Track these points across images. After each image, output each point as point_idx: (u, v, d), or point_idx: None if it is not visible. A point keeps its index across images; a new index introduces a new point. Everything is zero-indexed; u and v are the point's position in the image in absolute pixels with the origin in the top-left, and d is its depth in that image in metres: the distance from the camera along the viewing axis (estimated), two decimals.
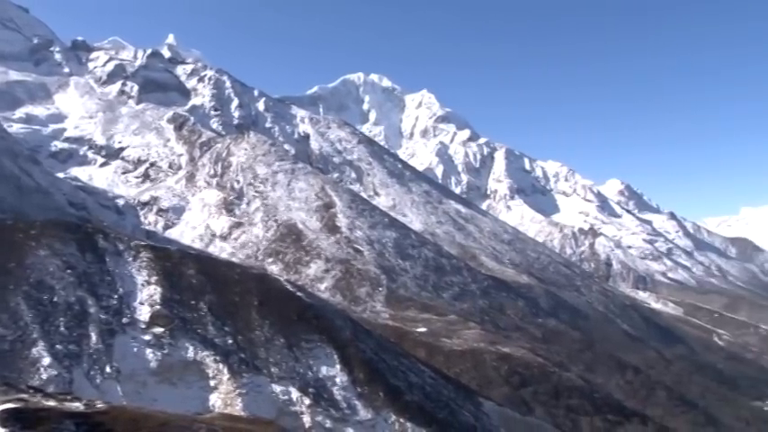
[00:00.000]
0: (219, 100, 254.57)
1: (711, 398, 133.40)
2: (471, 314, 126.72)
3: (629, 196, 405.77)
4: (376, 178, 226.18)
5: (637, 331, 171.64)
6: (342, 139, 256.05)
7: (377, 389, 61.20)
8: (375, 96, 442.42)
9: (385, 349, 72.43)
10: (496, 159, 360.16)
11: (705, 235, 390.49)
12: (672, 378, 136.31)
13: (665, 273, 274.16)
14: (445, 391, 69.96)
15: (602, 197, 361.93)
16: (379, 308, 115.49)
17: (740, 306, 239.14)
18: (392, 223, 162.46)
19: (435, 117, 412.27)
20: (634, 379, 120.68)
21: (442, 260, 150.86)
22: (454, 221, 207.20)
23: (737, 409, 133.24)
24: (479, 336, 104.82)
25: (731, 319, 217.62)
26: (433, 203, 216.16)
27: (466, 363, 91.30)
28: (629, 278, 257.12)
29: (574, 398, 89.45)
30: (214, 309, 64.04)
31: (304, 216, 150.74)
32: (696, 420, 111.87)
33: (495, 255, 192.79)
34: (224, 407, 54.37)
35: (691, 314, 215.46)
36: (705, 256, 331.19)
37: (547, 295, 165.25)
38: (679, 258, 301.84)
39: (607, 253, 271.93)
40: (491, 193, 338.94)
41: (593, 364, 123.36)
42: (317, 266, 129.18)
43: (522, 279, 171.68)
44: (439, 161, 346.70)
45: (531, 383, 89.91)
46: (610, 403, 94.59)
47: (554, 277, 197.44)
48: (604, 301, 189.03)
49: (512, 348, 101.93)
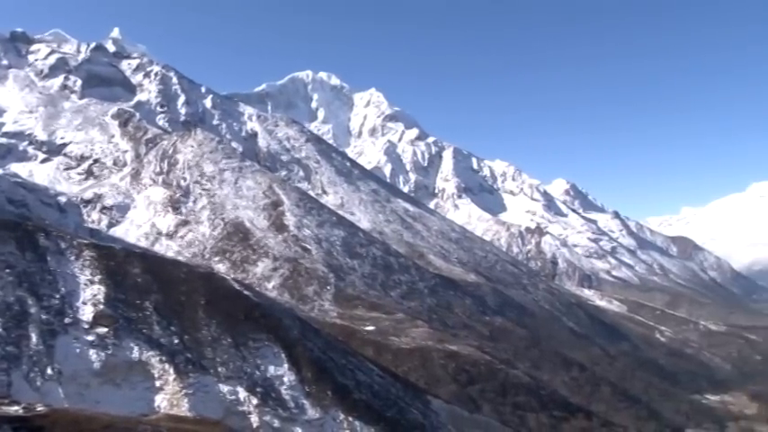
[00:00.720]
0: (166, 96, 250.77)
1: (653, 393, 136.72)
2: (419, 312, 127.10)
3: (574, 196, 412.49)
4: (324, 177, 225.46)
5: (582, 329, 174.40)
6: (290, 137, 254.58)
7: (325, 388, 60.96)
8: (323, 94, 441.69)
9: (333, 348, 72.20)
10: (444, 158, 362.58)
11: (648, 234, 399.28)
12: (616, 374, 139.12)
13: (610, 271, 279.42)
14: (393, 389, 70.05)
15: (548, 196, 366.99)
16: (327, 306, 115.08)
17: (681, 303, 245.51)
18: (340, 222, 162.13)
19: (384, 116, 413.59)
20: (579, 375, 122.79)
21: (390, 259, 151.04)
22: (402, 220, 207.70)
23: (678, 403, 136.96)
24: (427, 334, 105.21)
25: (672, 315, 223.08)
26: (381, 202, 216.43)
27: (414, 361, 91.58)
28: (574, 276, 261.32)
29: (520, 395, 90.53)
30: (160, 308, 62.97)
31: (251, 214, 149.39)
32: (639, 415, 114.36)
33: (442, 253, 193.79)
34: (170, 408, 53.48)
35: (634, 311, 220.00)
36: (648, 254, 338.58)
37: (494, 293, 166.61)
38: (623, 257, 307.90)
39: (553, 251, 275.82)
40: (439, 191, 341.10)
41: (540, 361, 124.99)
42: (264, 265, 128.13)
43: (470, 277, 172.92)
44: (387, 160, 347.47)
45: (478, 381, 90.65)
46: (556, 399, 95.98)
47: (501, 275, 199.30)
48: (550, 299, 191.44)
49: (459, 346, 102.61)
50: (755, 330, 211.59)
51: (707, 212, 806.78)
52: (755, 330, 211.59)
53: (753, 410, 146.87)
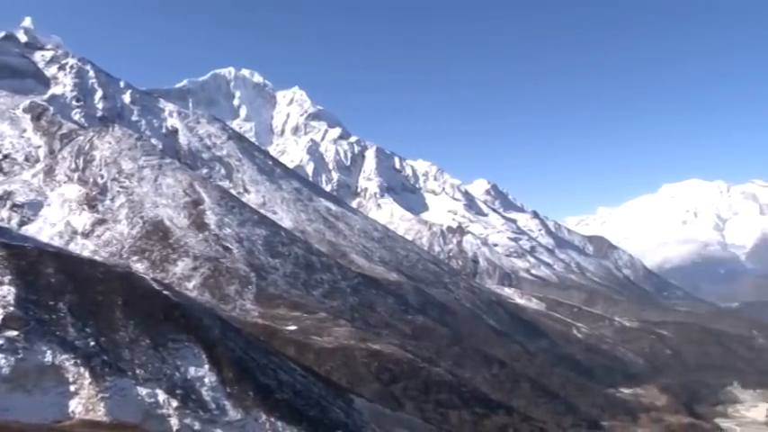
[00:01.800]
0: (82, 90, 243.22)
1: (571, 387, 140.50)
2: (341, 312, 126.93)
3: (495, 196, 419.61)
4: (246, 175, 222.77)
5: (502, 326, 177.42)
6: (211, 134, 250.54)
7: (246, 388, 60.13)
8: (246, 92, 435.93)
9: (255, 348, 71.36)
10: (367, 158, 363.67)
11: (565, 233, 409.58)
12: (535, 370, 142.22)
13: (529, 270, 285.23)
14: (315, 388, 69.70)
15: (469, 196, 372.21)
16: (249, 306, 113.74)
17: (597, 300, 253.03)
18: (262, 221, 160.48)
19: (307, 114, 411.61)
20: (500, 372, 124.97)
21: (312, 258, 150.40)
22: (324, 219, 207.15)
23: (594, 397, 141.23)
24: (349, 333, 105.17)
25: (589, 312, 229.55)
26: (304, 201, 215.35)
27: (336, 360, 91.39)
28: (495, 275, 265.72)
29: (443, 392, 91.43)
30: (75, 309, 60.81)
31: (171, 213, 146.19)
32: (557, 409, 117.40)
33: (365, 252, 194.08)
34: (85, 413, 51.73)
35: (552, 309, 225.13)
36: (565, 253, 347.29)
37: (416, 292, 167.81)
38: (541, 256, 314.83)
39: (474, 251, 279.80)
40: (361, 191, 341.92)
41: (461, 358, 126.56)
42: (184, 264, 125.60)
43: (392, 276, 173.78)
44: (310, 159, 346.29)
45: (400, 379, 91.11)
46: (477, 396, 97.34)
47: (423, 274, 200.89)
48: (471, 298, 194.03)
49: (382, 345, 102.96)
50: (666, 326, 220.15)
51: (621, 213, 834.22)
52: (666, 326, 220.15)
53: (663, 402, 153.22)
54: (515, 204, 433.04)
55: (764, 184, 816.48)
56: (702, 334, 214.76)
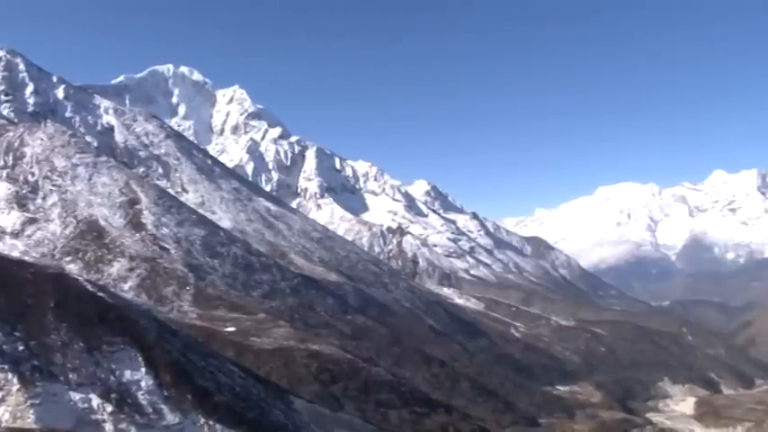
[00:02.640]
0: (12, 84, 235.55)
1: (509, 386, 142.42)
2: (281, 312, 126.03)
3: (435, 196, 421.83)
4: (184, 174, 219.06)
5: (442, 326, 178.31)
6: (149, 132, 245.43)
7: (184, 391, 59.00)
8: (185, 90, 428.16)
9: (193, 350, 70.18)
10: (307, 158, 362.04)
11: (504, 234, 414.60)
12: (474, 369, 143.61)
13: (468, 270, 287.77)
14: (255, 390, 68.93)
15: (409, 197, 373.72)
16: (187, 307, 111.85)
17: (534, 300, 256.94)
18: (200, 221, 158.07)
19: (247, 113, 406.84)
20: (440, 371, 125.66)
21: (251, 258, 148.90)
22: (264, 219, 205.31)
23: (531, 394, 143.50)
24: (289, 334, 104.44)
25: (526, 312, 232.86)
26: (243, 201, 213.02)
27: (276, 361, 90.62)
28: (434, 275, 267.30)
29: (383, 392, 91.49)
30: (2, 312, 58.66)
31: (107, 212, 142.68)
32: (496, 407, 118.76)
33: (304, 253, 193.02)
34: (13, 420, 49.90)
35: (491, 308, 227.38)
36: (504, 254, 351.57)
37: (356, 292, 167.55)
38: (480, 256, 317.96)
39: (414, 251, 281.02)
40: (301, 191, 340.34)
41: (401, 358, 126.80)
42: (120, 265, 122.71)
43: (332, 277, 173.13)
44: (249, 158, 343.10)
45: (340, 380, 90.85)
46: (417, 396, 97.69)
47: (363, 275, 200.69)
48: (411, 298, 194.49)
49: (321, 346, 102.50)
50: (601, 324, 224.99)
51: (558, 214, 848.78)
52: (601, 324, 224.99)
53: (598, 399, 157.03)
54: (455, 205, 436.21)
55: (694, 187, 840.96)
56: (635, 332, 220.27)
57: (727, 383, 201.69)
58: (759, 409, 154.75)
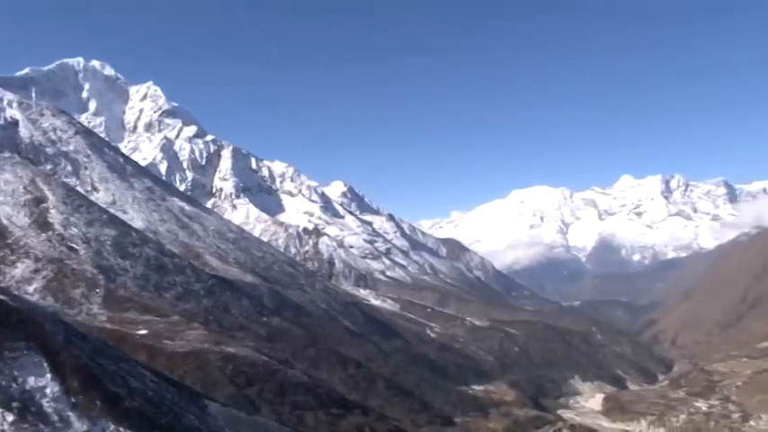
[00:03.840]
0: None
1: (425, 386, 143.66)
2: (195, 314, 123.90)
3: (351, 198, 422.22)
4: (95, 172, 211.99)
5: (358, 327, 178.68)
6: (57, 128, 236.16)
7: (93, 397, 56.89)
8: (96, 84, 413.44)
9: (102, 354, 67.84)
10: (223, 157, 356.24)
11: (420, 236, 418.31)
12: (390, 370, 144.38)
13: (384, 271, 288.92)
14: (168, 394, 67.18)
15: (326, 198, 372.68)
16: (96, 310, 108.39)
17: (449, 301, 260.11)
18: (111, 220, 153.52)
19: (161, 111, 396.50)
20: (356, 372, 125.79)
21: (164, 259, 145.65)
22: (178, 219, 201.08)
23: (447, 393, 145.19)
24: (203, 336, 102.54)
25: (441, 313, 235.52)
26: (156, 200, 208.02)
27: (190, 364, 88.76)
28: (350, 276, 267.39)
29: (299, 394, 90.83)
30: None
31: (10, 211, 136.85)
32: (412, 408, 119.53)
33: (219, 254, 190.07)
34: None
35: (406, 309, 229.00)
36: (420, 255, 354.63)
37: (271, 294, 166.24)
38: (396, 257, 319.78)
39: (330, 252, 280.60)
40: (217, 191, 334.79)
41: (317, 360, 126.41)
42: (24, 266, 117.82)
43: (247, 278, 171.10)
44: (163, 157, 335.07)
45: (256, 382, 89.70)
46: (333, 397, 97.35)
47: (278, 276, 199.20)
48: (327, 299, 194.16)
49: (237, 348, 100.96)
50: (514, 324, 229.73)
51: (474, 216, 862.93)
52: (514, 324, 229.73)
53: (511, 397, 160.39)
54: (371, 207, 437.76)
55: (603, 191, 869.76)
56: (547, 331, 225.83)
57: (633, 379, 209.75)
58: (661, 403, 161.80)
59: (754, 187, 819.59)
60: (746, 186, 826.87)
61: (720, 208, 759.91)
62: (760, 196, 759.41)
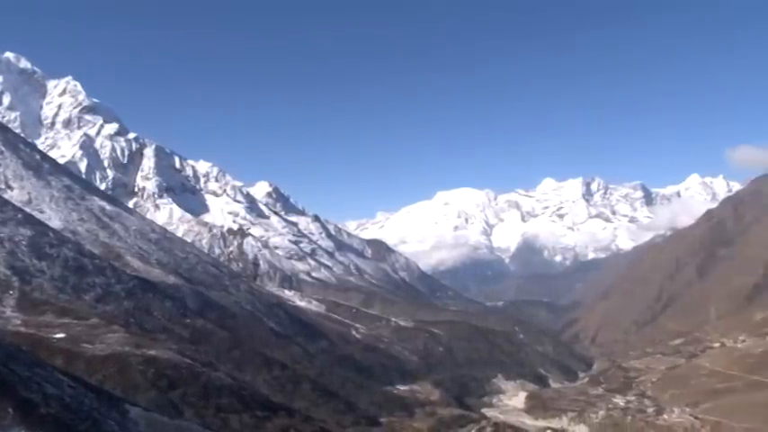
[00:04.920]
0: None
1: (350, 386, 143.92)
2: (116, 316, 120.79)
3: (276, 198, 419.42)
4: (9, 170, 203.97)
5: (283, 328, 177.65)
6: None
7: (6, 404, 54.71)
8: (11, 78, 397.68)
9: (16, 359, 65.34)
10: (145, 156, 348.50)
11: (345, 237, 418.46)
12: (315, 371, 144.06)
13: (310, 272, 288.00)
14: (87, 400, 65.16)
15: (251, 198, 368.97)
16: (10, 313, 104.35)
17: (374, 302, 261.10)
18: (27, 220, 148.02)
19: (81, 107, 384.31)
20: (281, 374, 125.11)
21: (83, 260, 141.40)
22: (98, 219, 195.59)
23: (372, 394, 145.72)
24: (124, 339, 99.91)
25: (366, 313, 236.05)
26: (75, 199, 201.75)
27: (110, 368, 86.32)
28: (275, 277, 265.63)
29: (223, 397, 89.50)
30: None
31: None
32: (337, 409, 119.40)
33: (141, 254, 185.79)
34: None
35: (332, 310, 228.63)
36: (345, 256, 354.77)
37: (195, 295, 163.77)
38: (322, 258, 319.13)
39: (255, 253, 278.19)
40: (139, 190, 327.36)
41: (242, 362, 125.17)
42: None
43: (170, 279, 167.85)
44: (83, 154, 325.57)
45: (179, 385, 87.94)
46: (258, 399, 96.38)
47: (202, 277, 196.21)
48: (252, 300, 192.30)
49: (159, 351, 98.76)
50: (438, 325, 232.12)
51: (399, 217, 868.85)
52: (438, 325, 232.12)
53: (436, 396, 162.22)
54: (297, 207, 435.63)
55: (526, 194, 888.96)
56: (471, 331, 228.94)
57: (555, 377, 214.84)
58: (581, 400, 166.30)
59: (669, 191, 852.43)
60: (662, 190, 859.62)
61: (637, 211, 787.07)
62: (674, 199, 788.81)
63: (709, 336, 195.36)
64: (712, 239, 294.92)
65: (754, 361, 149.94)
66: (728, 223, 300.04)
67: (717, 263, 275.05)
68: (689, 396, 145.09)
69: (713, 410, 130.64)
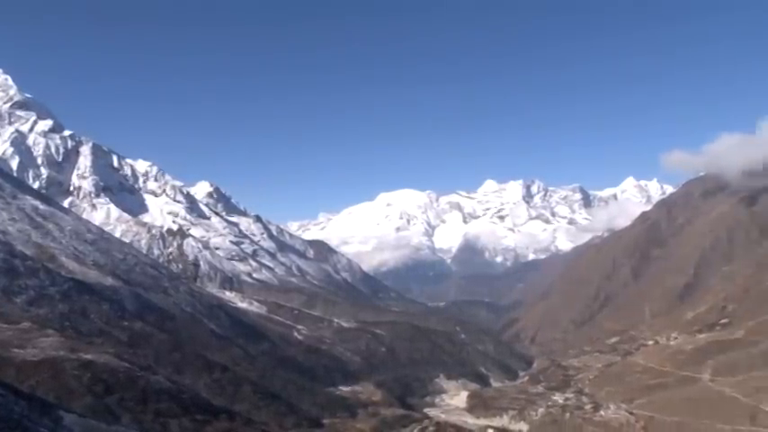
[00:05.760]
0: None
1: (292, 388, 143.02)
2: (49, 320, 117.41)
3: (217, 199, 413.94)
4: None
5: (224, 330, 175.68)
6: None
7: None
8: None
9: None
10: (82, 154, 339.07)
11: (287, 238, 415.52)
12: (256, 373, 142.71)
13: (251, 273, 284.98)
14: (17, 407, 62.69)
15: (191, 198, 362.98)
16: None
17: (316, 303, 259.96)
18: None
19: (12, 102, 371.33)
20: (222, 377, 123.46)
21: (15, 261, 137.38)
22: (31, 219, 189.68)
23: (314, 395, 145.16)
24: (58, 343, 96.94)
25: (309, 314, 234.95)
26: (6, 198, 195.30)
27: (42, 374, 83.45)
28: (216, 279, 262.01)
29: (162, 401, 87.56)
30: None
31: None
32: (279, 411, 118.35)
33: (77, 255, 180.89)
34: None
35: (274, 312, 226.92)
36: (287, 257, 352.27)
37: (133, 297, 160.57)
38: (263, 259, 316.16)
39: (195, 254, 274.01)
40: (75, 189, 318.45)
41: (182, 365, 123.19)
42: None
43: (107, 281, 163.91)
44: (14, 152, 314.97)
45: (116, 390, 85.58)
46: (198, 403, 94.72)
47: (141, 278, 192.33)
48: (192, 302, 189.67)
49: (95, 355, 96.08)
50: (380, 325, 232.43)
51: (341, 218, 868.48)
52: (380, 325, 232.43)
53: (378, 397, 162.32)
54: (238, 208, 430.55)
55: (468, 195, 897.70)
56: (413, 331, 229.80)
57: (496, 377, 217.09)
58: (522, 398, 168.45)
59: (606, 193, 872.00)
60: (599, 192, 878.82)
61: (576, 212, 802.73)
62: (611, 202, 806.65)
63: (644, 334, 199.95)
64: (647, 240, 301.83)
65: (685, 357, 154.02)
66: (662, 225, 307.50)
67: (651, 263, 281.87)
68: (624, 392, 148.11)
69: (647, 406, 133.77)
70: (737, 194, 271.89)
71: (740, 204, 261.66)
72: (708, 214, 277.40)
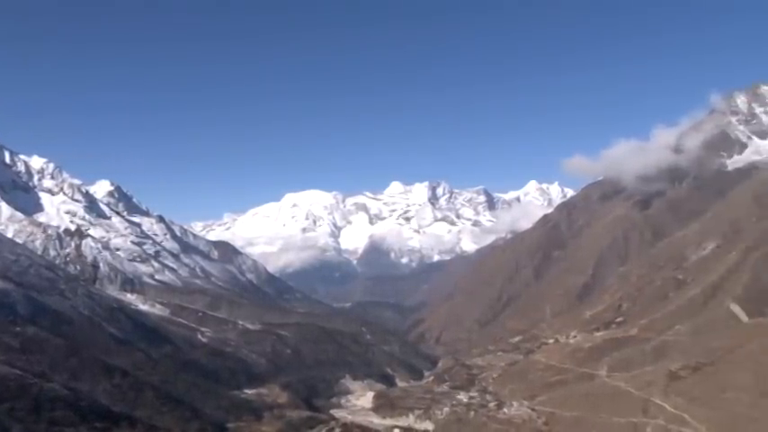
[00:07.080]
0: None
1: (196, 392, 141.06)
2: None
3: (119, 198, 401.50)
4: None
5: (124, 334, 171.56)
6: None
7: None
8: None
9: None
10: None
11: (191, 238, 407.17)
12: (159, 377, 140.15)
13: (153, 275, 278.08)
14: None
15: (90, 197, 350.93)
16: None
17: (221, 304, 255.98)
18: None
19: None
20: (122, 382, 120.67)
21: None
22: None
23: (219, 399, 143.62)
24: None
25: (213, 316, 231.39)
26: None
27: None
28: (116, 280, 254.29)
29: (57, 409, 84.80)
30: None
31: None
32: (182, 415, 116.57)
33: None
34: None
35: (177, 314, 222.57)
36: (191, 258, 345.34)
37: (26, 300, 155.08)
38: (166, 260, 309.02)
39: (94, 255, 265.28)
40: None
41: (79, 371, 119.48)
42: None
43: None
44: None
45: (7, 399, 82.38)
46: (97, 410, 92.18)
47: (35, 281, 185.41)
48: (91, 305, 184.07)
49: None
50: (286, 327, 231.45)
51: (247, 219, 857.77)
52: (286, 327, 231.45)
53: (284, 399, 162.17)
54: (140, 208, 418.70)
55: (374, 197, 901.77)
56: (319, 333, 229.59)
57: (401, 377, 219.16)
58: (427, 398, 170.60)
59: (510, 196, 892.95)
60: (503, 195, 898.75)
61: (480, 215, 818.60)
62: (514, 204, 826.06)
63: (545, 333, 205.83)
64: (548, 242, 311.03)
65: (583, 355, 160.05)
66: (562, 227, 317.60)
67: (552, 264, 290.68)
68: (527, 390, 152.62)
69: (548, 402, 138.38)
70: (632, 198, 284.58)
71: (635, 208, 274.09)
72: (605, 217, 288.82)
